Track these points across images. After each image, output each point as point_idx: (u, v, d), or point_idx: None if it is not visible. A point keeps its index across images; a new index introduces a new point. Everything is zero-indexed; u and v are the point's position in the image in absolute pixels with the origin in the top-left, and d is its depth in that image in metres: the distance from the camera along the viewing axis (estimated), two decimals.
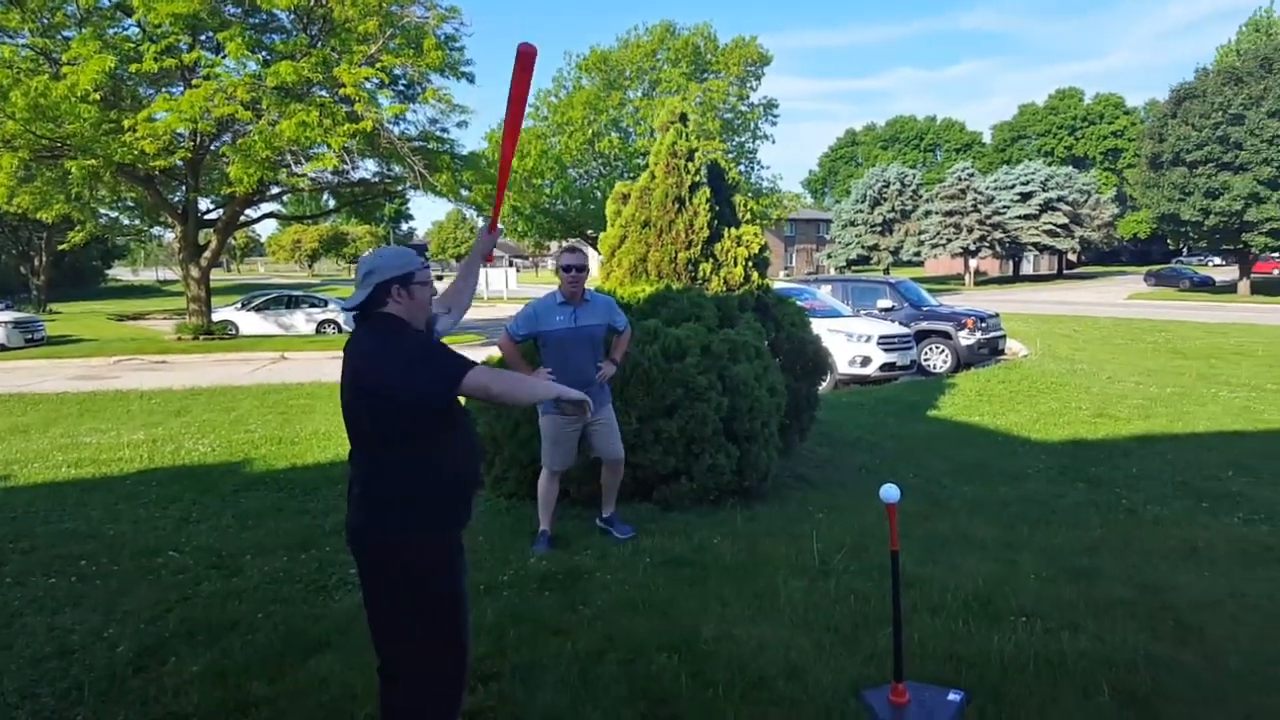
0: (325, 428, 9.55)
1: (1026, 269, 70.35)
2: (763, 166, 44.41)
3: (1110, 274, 68.35)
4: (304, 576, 4.79)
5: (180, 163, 19.43)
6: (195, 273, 22.21)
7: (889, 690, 3.38)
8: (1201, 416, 10.19)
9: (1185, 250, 60.05)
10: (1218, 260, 61.96)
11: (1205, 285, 47.94)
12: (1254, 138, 35.93)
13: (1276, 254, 47.44)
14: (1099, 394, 11.84)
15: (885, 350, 13.69)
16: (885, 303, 16.13)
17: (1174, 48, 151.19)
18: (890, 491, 3.34)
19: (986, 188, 57.60)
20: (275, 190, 22.14)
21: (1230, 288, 44.17)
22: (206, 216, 23.76)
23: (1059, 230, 56.57)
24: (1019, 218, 56.63)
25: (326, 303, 26.05)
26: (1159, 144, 39.90)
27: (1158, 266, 58.43)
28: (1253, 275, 43.09)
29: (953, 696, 3.37)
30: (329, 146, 17.24)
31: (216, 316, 24.01)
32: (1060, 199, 56.50)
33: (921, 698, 3.36)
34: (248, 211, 23.92)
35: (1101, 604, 4.33)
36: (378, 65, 17.79)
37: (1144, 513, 6.15)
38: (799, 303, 13.81)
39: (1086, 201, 57.86)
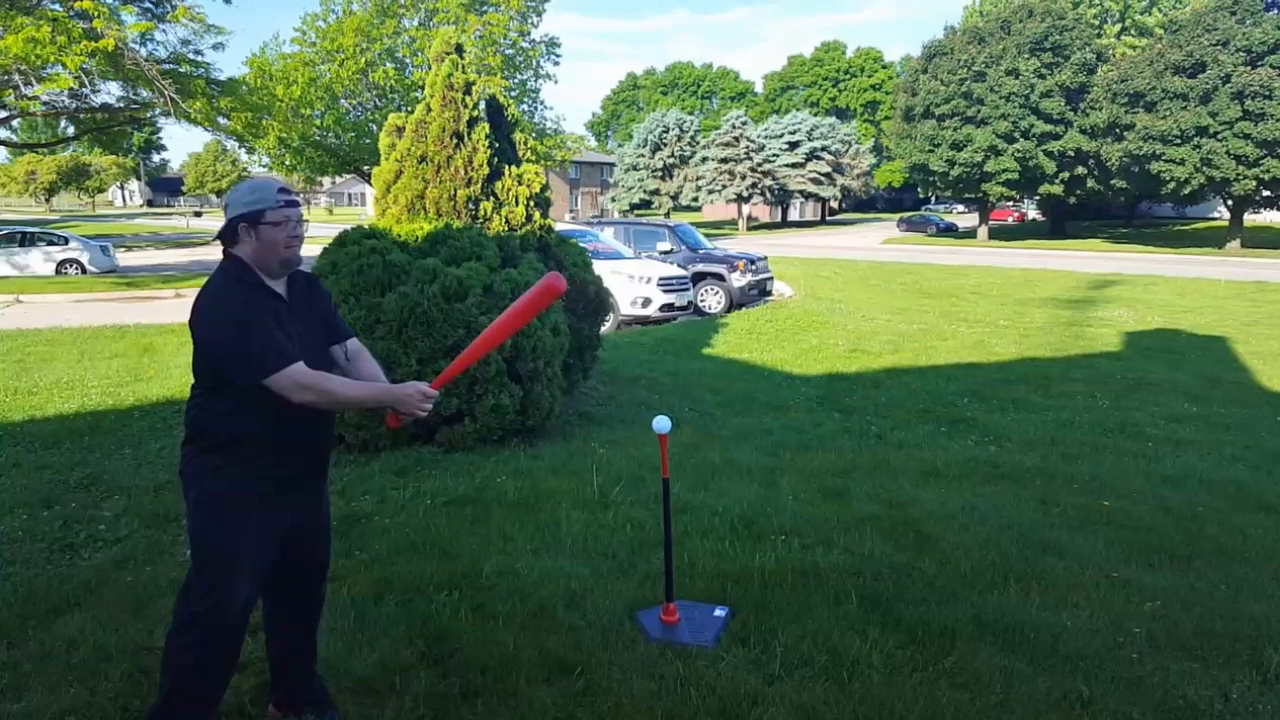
0: (69, 377, 8.68)
1: (794, 215, 74.21)
2: (546, 107, 43.52)
3: (868, 220, 73.45)
4: (47, 535, 4.40)
5: None
6: None
7: (661, 610, 3.58)
8: (943, 350, 11.25)
9: (933, 198, 65.25)
10: (961, 208, 67.74)
11: (949, 231, 52.68)
12: (993, 94, 39.41)
13: (1010, 203, 52.65)
14: (854, 331, 12.79)
15: (665, 291, 14.10)
16: (664, 245, 16.59)
17: (932, 2, 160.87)
18: (662, 423, 3.51)
19: (758, 136, 59.89)
20: (1, 114, 19.49)
21: (971, 233, 48.68)
22: None
23: (823, 178, 59.98)
24: (787, 166, 59.47)
25: (68, 240, 23.26)
26: (911, 97, 43.03)
27: (909, 214, 63.39)
28: (990, 222, 47.70)
29: (719, 612, 3.62)
30: (64, 66, 15.33)
31: None
32: (824, 148, 59.79)
33: (691, 615, 3.58)
34: None
35: (852, 520, 4.74)
36: None
37: (890, 438, 6.75)
38: (582, 245, 13.94)
39: (848, 151, 61.65)
